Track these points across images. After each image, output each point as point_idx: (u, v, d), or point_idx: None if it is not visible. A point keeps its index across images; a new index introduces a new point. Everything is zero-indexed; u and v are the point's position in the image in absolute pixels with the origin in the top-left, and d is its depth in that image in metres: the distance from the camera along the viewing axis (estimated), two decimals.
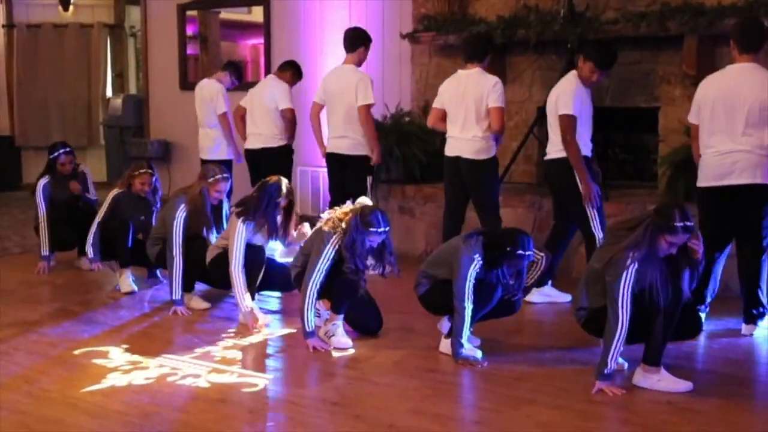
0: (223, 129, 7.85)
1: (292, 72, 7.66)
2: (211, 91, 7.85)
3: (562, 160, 5.78)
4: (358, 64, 6.95)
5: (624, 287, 4.22)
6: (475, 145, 6.18)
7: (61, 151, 7.11)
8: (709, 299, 5.32)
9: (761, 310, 5.24)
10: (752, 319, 5.27)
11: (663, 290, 4.23)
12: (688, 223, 4.19)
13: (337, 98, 6.92)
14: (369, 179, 6.97)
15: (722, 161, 5.13)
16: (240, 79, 8.15)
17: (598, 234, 5.68)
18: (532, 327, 5.53)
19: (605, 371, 4.30)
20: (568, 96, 5.72)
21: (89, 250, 6.49)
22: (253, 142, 7.58)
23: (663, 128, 7.02)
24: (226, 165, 7.45)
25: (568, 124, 5.69)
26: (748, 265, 5.24)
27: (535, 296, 6.04)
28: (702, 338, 5.07)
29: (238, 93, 8.27)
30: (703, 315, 5.13)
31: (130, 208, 6.52)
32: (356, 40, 6.94)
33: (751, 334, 5.25)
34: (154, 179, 6.62)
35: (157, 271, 6.70)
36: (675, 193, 6.47)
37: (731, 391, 4.46)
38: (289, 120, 7.52)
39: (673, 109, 6.95)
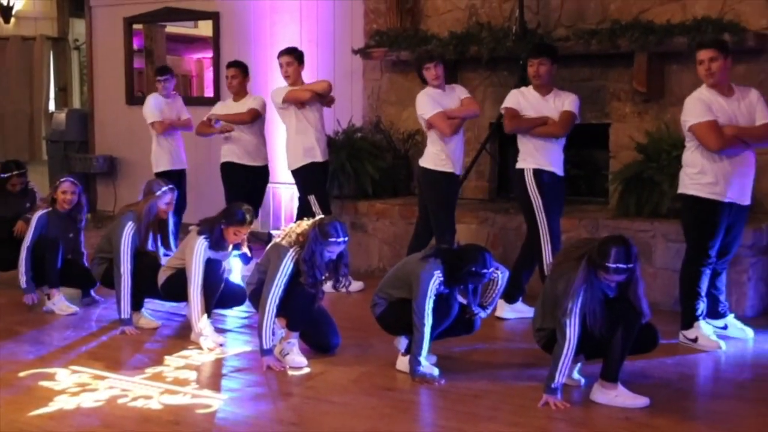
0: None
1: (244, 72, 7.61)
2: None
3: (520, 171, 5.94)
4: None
5: (573, 305, 4.24)
6: (427, 155, 6.35)
7: (15, 173, 6.93)
8: (725, 314, 5.56)
9: (696, 315, 5.34)
10: (687, 326, 5.38)
11: (599, 318, 4.25)
12: (621, 266, 4.19)
13: None
14: (312, 197, 6.92)
15: None
16: (168, 72, 8.06)
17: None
18: (488, 343, 5.50)
19: (552, 385, 4.33)
20: None
21: (22, 280, 6.25)
22: (241, 158, 7.49)
23: (614, 144, 7.10)
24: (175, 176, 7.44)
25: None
26: (681, 273, 5.39)
27: (507, 312, 6.04)
28: (656, 354, 5.07)
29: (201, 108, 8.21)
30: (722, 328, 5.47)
31: (58, 227, 6.35)
32: None
33: (690, 339, 5.33)
34: (77, 190, 6.43)
35: (92, 291, 6.53)
36: (626, 209, 6.53)
37: (687, 405, 4.53)
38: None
39: (624, 125, 7.03)
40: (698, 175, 5.20)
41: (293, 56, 7.02)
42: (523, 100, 5.91)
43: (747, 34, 6.36)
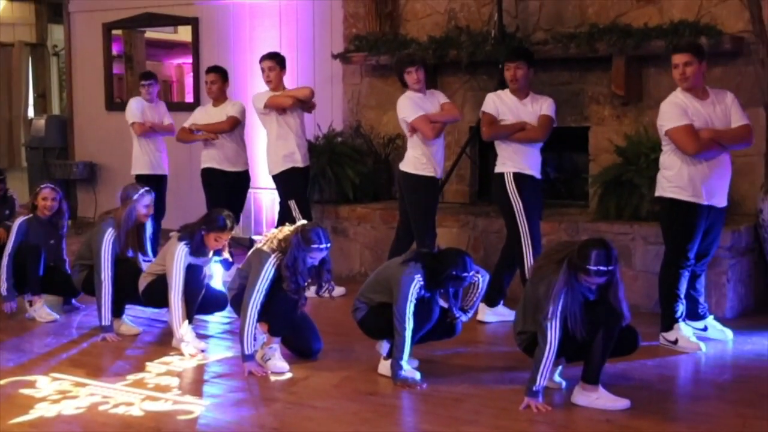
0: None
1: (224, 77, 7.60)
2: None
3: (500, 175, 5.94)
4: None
5: (554, 308, 4.26)
6: (408, 159, 6.36)
7: None
8: (705, 315, 5.59)
9: (675, 317, 5.37)
10: (667, 328, 5.41)
11: (580, 321, 4.27)
12: (602, 268, 4.21)
13: None
14: (292, 202, 6.91)
15: None
16: (151, 77, 8.05)
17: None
18: (470, 347, 5.51)
19: (533, 388, 4.34)
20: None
21: (2, 287, 6.23)
22: (221, 163, 7.47)
23: (593, 147, 7.13)
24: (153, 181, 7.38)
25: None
26: (660, 275, 5.42)
27: (488, 315, 6.06)
28: (637, 356, 5.10)
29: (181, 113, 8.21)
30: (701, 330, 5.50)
31: (39, 234, 6.31)
32: None
33: (670, 341, 5.37)
34: (58, 196, 6.40)
35: (73, 300, 6.50)
36: (606, 212, 6.56)
37: (668, 407, 4.55)
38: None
39: (603, 128, 7.07)
40: (675, 178, 5.24)
41: (275, 61, 7.02)
42: (501, 105, 5.93)
43: (723, 37, 6.42)
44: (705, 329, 5.57)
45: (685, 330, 5.39)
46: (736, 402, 4.56)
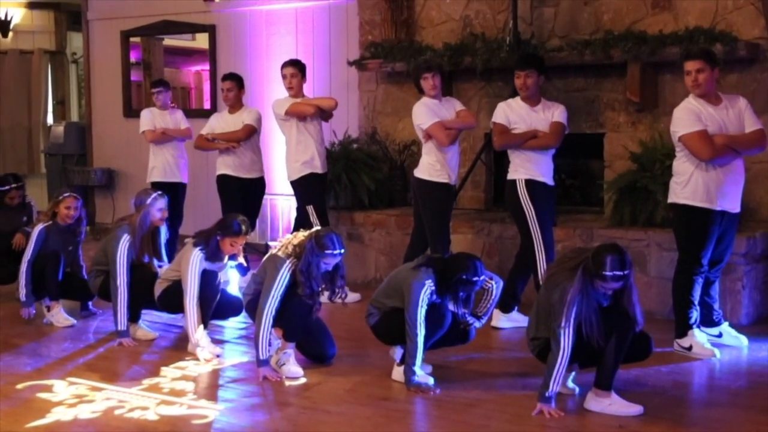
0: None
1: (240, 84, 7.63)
2: None
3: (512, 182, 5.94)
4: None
5: (568, 314, 4.26)
6: (422, 165, 6.38)
7: (13, 186, 6.99)
8: (720, 322, 5.57)
9: (690, 323, 5.36)
10: (681, 334, 5.40)
11: (596, 327, 4.27)
12: (618, 273, 4.22)
13: None
14: (310, 207, 6.94)
15: None
16: (161, 85, 8.10)
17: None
18: (484, 353, 5.52)
19: (546, 394, 4.35)
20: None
21: (22, 293, 6.29)
22: (236, 170, 7.50)
23: (608, 154, 7.13)
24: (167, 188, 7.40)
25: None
26: (674, 282, 5.42)
27: (502, 321, 6.07)
28: (650, 362, 5.09)
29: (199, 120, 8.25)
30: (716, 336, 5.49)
31: (58, 241, 6.37)
32: None
33: (684, 348, 5.36)
34: (79, 205, 6.45)
35: (89, 304, 6.56)
36: (620, 218, 6.55)
37: (681, 413, 4.54)
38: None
39: (618, 135, 7.07)
40: (689, 184, 5.24)
41: (297, 68, 7.06)
42: (512, 113, 5.93)
43: (739, 43, 6.41)
44: (720, 336, 5.56)
45: (700, 336, 5.38)
46: (750, 408, 4.55)
